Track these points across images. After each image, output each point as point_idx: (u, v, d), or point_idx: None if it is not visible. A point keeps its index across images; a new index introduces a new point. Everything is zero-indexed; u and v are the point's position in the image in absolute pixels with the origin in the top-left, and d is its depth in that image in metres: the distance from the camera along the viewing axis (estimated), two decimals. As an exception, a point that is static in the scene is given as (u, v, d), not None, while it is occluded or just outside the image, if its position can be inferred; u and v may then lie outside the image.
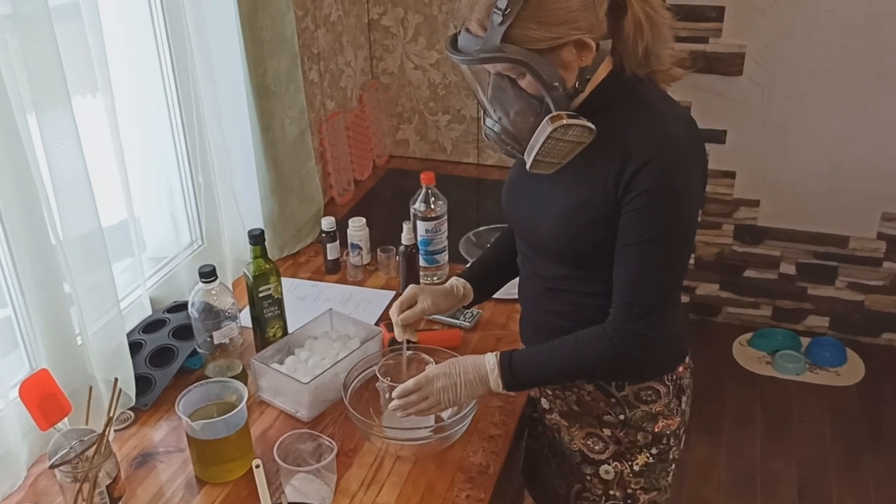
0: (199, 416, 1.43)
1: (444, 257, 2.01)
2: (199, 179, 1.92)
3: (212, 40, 1.87)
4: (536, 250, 1.41)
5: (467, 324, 1.82)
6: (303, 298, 1.97)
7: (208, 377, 1.61)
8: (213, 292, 1.56)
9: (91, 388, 1.38)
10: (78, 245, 1.47)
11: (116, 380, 1.36)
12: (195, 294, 1.56)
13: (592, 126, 1.22)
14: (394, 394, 1.41)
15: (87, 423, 1.35)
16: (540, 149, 1.23)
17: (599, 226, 1.28)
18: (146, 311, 1.80)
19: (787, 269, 3.18)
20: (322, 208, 2.26)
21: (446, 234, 1.99)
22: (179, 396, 1.41)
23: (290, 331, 1.75)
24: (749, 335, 3.24)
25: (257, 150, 2.02)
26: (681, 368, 1.45)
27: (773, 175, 2.98)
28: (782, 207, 3.06)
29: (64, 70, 1.36)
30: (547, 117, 1.21)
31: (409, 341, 1.51)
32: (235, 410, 1.39)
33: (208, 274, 1.54)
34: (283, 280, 1.96)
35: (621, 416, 1.45)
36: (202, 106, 1.85)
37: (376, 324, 1.84)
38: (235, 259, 2.02)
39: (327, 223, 2.02)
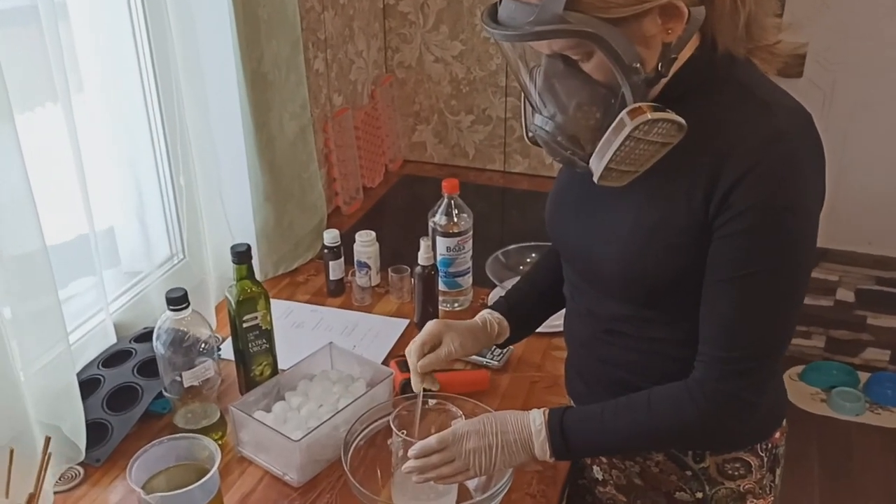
0: (160, 482, 1.12)
1: (468, 280, 1.70)
2: (179, 182, 1.61)
3: (198, 18, 1.57)
4: (593, 283, 1.10)
5: (496, 363, 1.51)
6: (299, 326, 1.66)
7: (177, 426, 1.30)
8: (185, 322, 1.25)
9: (12, 450, 1.06)
10: (14, 266, 1.17)
11: (48, 439, 1.05)
12: (162, 325, 1.25)
13: (683, 121, 0.91)
14: (411, 452, 1.10)
15: (6, 496, 1.04)
16: (615, 154, 0.91)
17: (681, 254, 0.97)
18: (110, 339, 1.50)
19: (845, 295, 2.86)
20: (325, 219, 1.95)
21: (471, 252, 1.68)
22: (133, 458, 1.10)
23: (281, 368, 1.44)
24: (800, 368, 2.93)
25: (250, 149, 1.72)
26: (777, 434, 1.13)
27: (832, 190, 2.65)
28: (842, 227, 2.73)
29: (5, 81, 1.11)
30: (625, 111, 0.90)
31: (427, 390, 1.19)
32: (205, 479, 1.08)
33: (177, 300, 1.23)
34: (277, 303, 1.66)
35: (699, 494, 1.13)
36: (184, 96, 1.55)
37: (385, 361, 1.53)
38: (221, 276, 1.71)
39: (330, 237, 1.71)
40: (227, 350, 1.47)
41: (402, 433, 1.19)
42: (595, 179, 0.95)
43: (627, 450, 1.14)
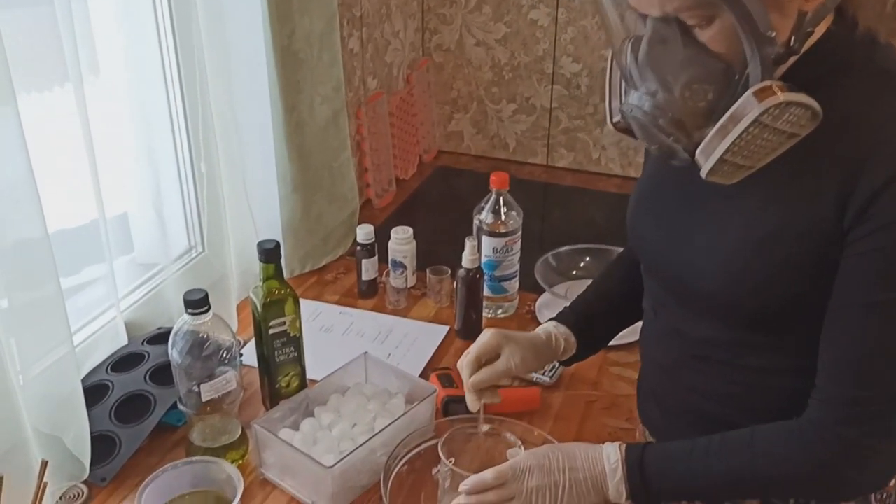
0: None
1: (514, 285, 1.54)
2: (200, 168, 1.46)
3: (225, -12, 1.42)
4: (685, 301, 0.94)
5: (547, 379, 1.35)
6: (328, 330, 1.51)
7: (192, 443, 1.16)
8: (205, 327, 1.10)
9: (1, 478, 0.92)
10: (12, 254, 1.03)
11: (45, 464, 0.90)
12: (178, 330, 1.10)
13: (818, 107, 0.75)
14: (463, 487, 0.95)
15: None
16: (734, 142, 0.75)
17: (800, 272, 0.81)
18: (120, 340, 1.35)
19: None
20: (357, 212, 1.80)
21: (518, 255, 1.52)
22: (144, 484, 0.96)
23: (309, 379, 1.29)
24: None
25: (278, 134, 1.57)
26: (893, 482, 0.97)
27: None
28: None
29: (8, 62, 0.97)
30: (751, 90, 0.74)
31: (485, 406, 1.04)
32: (224, 513, 0.93)
33: (197, 303, 1.08)
34: (303, 304, 1.51)
35: (797, 548, 0.97)
36: (208, 75, 1.40)
37: (424, 373, 1.37)
38: (244, 273, 1.57)
39: (364, 233, 1.56)
40: (249, 355, 1.32)
41: (451, 461, 1.04)
42: (702, 174, 0.79)
43: (719, 497, 0.98)
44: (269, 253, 1.18)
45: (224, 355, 1.12)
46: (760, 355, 0.89)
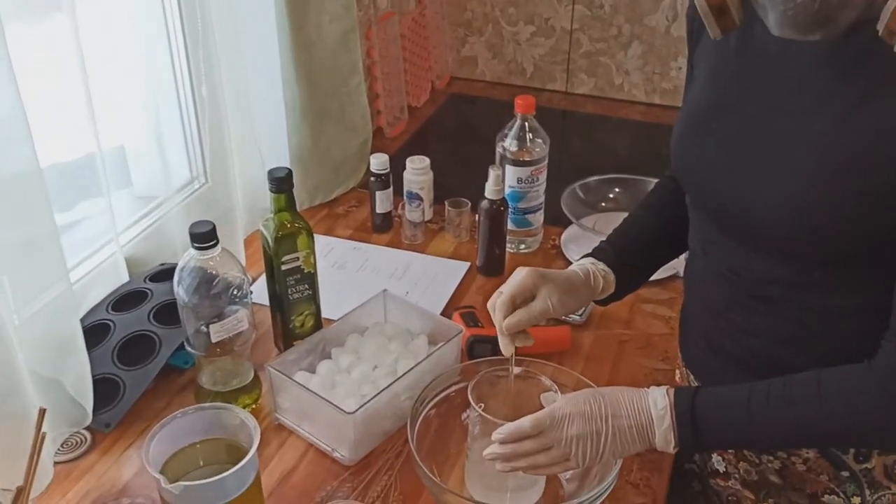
0: (182, 462, 0.90)
1: (539, 218, 1.45)
2: (201, 93, 1.35)
3: None
4: (744, 236, 0.85)
5: (578, 318, 1.27)
6: (341, 267, 1.42)
7: (202, 387, 1.08)
8: (213, 263, 1.01)
9: (44, 410, 0.83)
10: (3, 188, 0.93)
11: (42, 412, 0.82)
12: (185, 266, 1.01)
13: None
14: (496, 435, 0.88)
15: (-9, 484, 0.82)
16: None
17: (891, 203, 0.72)
18: (121, 277, 1.26)
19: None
20: (370, 140, 1.69)
21: (544, 185, 1.42)
22: (150, 434, 0.88)
23: (324, 318, 1.21)
24: None
25: (284, 55, 1.45)
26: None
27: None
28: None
29: None
30: None
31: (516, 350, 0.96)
32: (241, 464, 0.85)
33: (204, 236, 0.99)
34: (315, 238, 1.42)
35: (855, 500, 0.91)
36: (208, -12, 1.27)
37: (445, 312, 1.29)
38: (251, 206, 1.47)
39: (378, 162, 1.46)
40: (259, 293, 1.24)
41: (480, 407, 0.96)
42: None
43: (779, 448, 0.90)
44: (281, 182, 1.08)
45: (234, 293, 1.03)
46: (829, 294, 0.81)
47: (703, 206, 0.91)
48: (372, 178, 1.47)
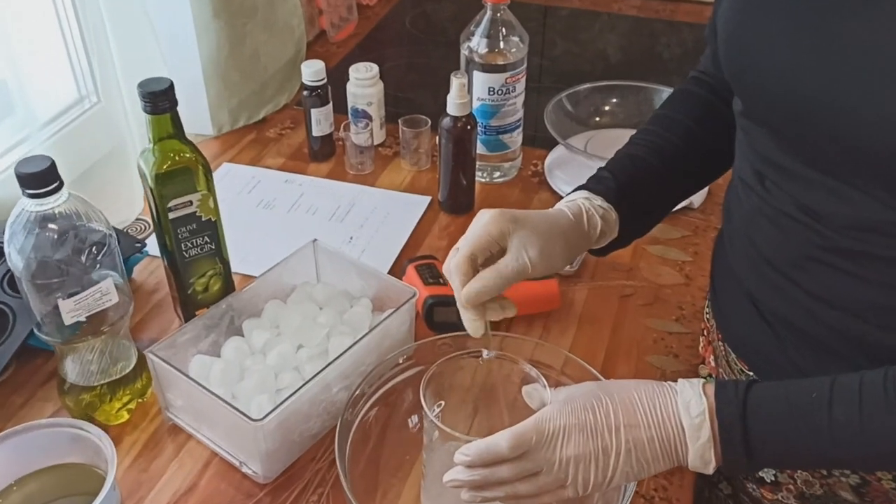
0: (30, 495, 0.64)
1: (517, 139, 1.15)
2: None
3: None
4: (837, 164, 0.57)
5: (569, 267, 1.00)
6: (268, 206, 1.13)
7: (65, 382, 0.80)
8: (58, 214, 0.72)
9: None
10: None
11: None
12: (16, 221, 0.72)
13: None
14: (460, 458, 0.61)
15: None
16: None
17: None
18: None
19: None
20: (304, 48, 1.37)
21: (523, 96, 1.13)
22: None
23: (239, 275, 0.93)
24: None
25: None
26: None
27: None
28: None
29: None
30: None
31: (491, 326, 0.69)
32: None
33: (39, 178, 0.69)
34: (239, 169, 1.14)
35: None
36: None
37: (397, 264, 1.01)
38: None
39: (311, 72, 1.15)
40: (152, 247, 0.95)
41: (437, 408, 0.69)
42: None
43: (875, 470, 0.64)
44: (158, 97, 0.78)
45: (93, 254, 0.74)
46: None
47: (767, 117, 0.62)
48: (305, 93, 1.16)
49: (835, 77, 0.53)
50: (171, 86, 0.79)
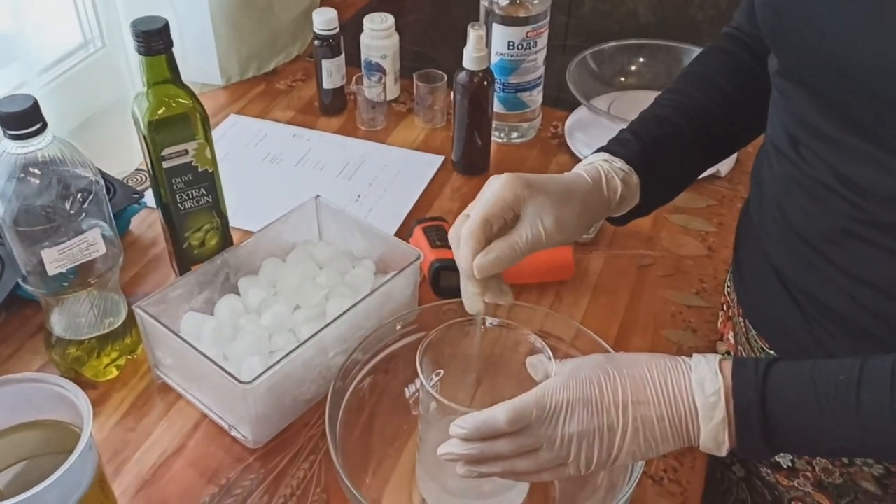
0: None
1: (537, 97, 1.10)
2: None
3: None
4: (883, 130, 0.51)
5: (586, 234, 0.95)
6: (275, 160, 1.08)
7: (52, 335, 0.77)
8: (41, 159, 0.68)
9: None
10: None
11: None
12: (-3, 166, 0.68)
13: None
14: (455, 430, 0.57)
15: None
16: None
17: None
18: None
19: None
20: (319, -4, 1.32)
21: (544, 52, 1.07)
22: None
23: (238, 230, 0.89)
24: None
25: None
26: None
27: None
28: None
29: None
30: None
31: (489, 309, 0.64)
32: (60, 471, 0.55)
33: (20, 119, 0.65)
34: (246, 121, 1.10)
35: None
36: None
37: (405, 225, 0.97)
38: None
39: (323, 20, 1.10)
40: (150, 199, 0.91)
41: (435, 378, 0.65)
42: None
43: (893, 459, 0.60)
44: (153, 37, 0.73)
45: (79, 201, 0.70)
46: None
47: (808, 77, 0.56)
48: (316, 43, 1.11)
49: (888, 38, 0.47)
50: (167, 25, 0.74)
